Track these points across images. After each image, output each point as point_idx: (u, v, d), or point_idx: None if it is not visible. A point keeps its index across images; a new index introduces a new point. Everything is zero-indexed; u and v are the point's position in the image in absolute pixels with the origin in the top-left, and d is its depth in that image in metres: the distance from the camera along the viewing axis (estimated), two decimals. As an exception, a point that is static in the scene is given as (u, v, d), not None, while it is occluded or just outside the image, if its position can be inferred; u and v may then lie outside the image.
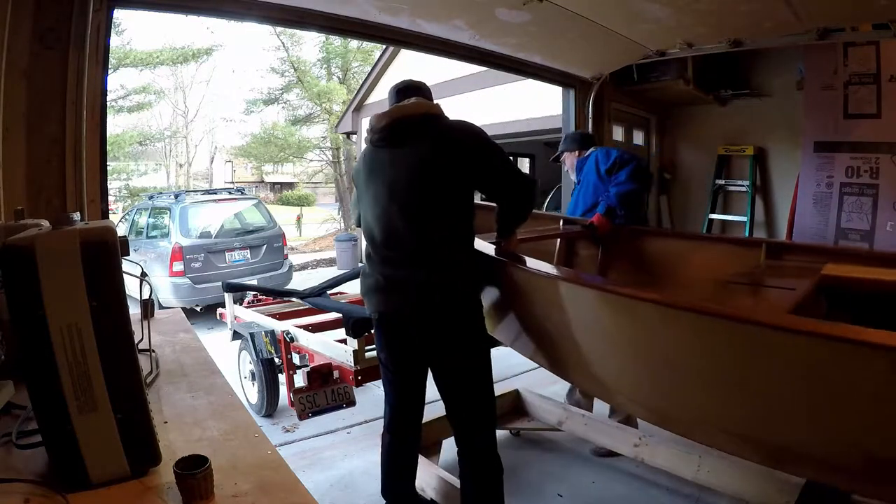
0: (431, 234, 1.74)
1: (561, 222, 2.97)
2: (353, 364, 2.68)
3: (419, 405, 2.03)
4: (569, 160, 3.19)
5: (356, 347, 2.66)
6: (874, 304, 1.79)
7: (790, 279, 1.99)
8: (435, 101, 1.92)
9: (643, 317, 1.51)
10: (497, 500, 1.90)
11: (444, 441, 2.78)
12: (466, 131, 1.78)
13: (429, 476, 2.40)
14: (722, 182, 5.33)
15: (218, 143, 22.78)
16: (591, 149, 3.11)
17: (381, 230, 1.80)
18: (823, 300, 1.92)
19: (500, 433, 3.08)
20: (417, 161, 1.73)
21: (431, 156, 1.72)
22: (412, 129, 1.76)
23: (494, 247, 2.00)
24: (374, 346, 2.76)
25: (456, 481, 2.23)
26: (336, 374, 2.86)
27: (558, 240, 2.91)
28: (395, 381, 1.99)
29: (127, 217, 8.17)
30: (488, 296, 2.08)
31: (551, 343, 1.97)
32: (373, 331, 2.03)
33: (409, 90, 1.89)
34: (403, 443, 2.05)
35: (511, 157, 3.39)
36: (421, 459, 2.39)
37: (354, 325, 2.65)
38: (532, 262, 1.86)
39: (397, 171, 1.76)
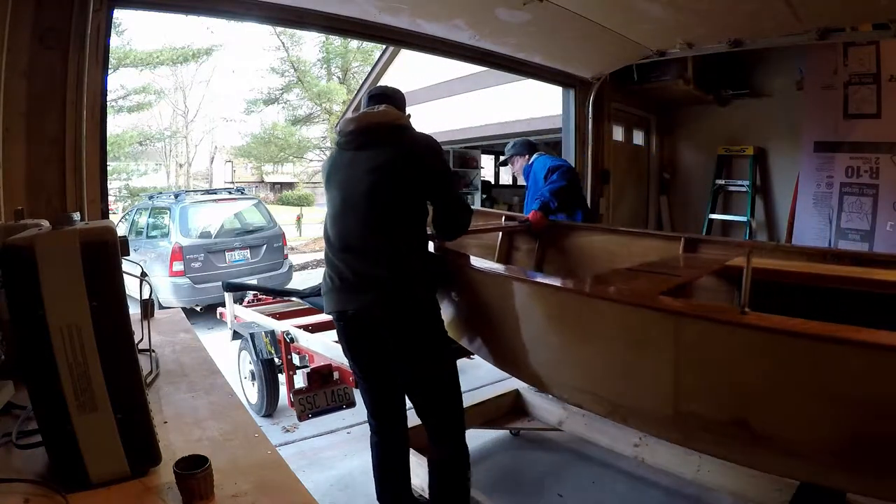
0: (389, 241, 1.77)
1: (503, 218, 3.23)
2: None
3: (398, 403, 2.01)
4: (518, 163, 3.43)
5: None
6: (797, 296, 1.94)
7: (692, 269, 2.19)
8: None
9: (520, 295, 1.84)
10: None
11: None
12: (429, 147, 1.83)
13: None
14: (722, 182, 5.33)
15: (218, 143, 22.79)
16: (536, 154, 3.34)
17: (336, 232, 1.84)
18: (735, 290, 2.11)
19: (500, 433, 3.11)
20: (379, 168, 1.76)
21: (393, 165, 1.76)
22: (378, 136, 1.81)
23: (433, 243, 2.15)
24: None
25: None
26: (336, 374, 2.86)
27: (500, 234, 3.13)
28: (367, 384, 2.00)
29: (127, 217, 8.16)
30: (448, 305, 2.15)
31: (486, 335, 2.10)
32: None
33: (381, 97, 1.94)
34: (388, 443, 2.04)
35: (511, 158, 3.49)
36: (422, 460, 2.39)
37: None
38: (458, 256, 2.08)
39: (359, 177, 1.79)
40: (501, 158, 3.53)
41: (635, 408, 1.60)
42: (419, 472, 2.45)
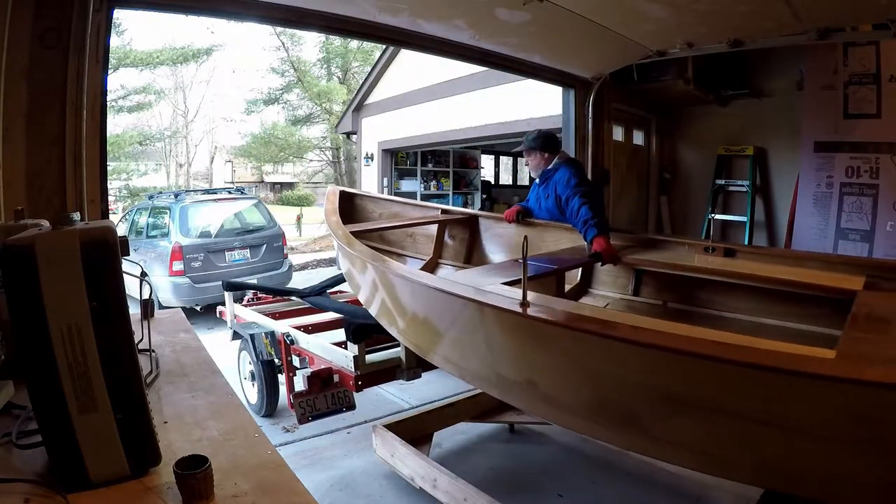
0: None
1: (440, 211, 3.66)
2: (353, 369, 2.68)
3: None
4: (536, 160, 3.14)
5: (356, 353, 2.66)
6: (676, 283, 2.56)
7: (573, 258, 2.70)
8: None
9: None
10: None
11: (435, 433, 2.85)
12: None
13: (419, 467, 2.45)
14: (722, 182, 5.33)
15: (218, 143, 22.77)
16: (556, 158, 3.06)
17: None
18: (631, 276, 2.78)
19: (495, 426, 3.14)
20: None
21: None
22: None
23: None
24: (372, 350, 2.79)
25: (449, 473, 2.31)
26: (336, 378, 2.86)
27: (436, 225, 3.53)
28: None
29: (127, 217, 8.16)
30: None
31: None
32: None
33: None
34: None
35: (511, 157, 3.47)
36: (412, 450, 2.51)
37: (355, 331, 2.65)
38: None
39: None
40: (519, 148, 3.27)
41: (473, 371, 1.95)
42: (408, 463, 2.49)
